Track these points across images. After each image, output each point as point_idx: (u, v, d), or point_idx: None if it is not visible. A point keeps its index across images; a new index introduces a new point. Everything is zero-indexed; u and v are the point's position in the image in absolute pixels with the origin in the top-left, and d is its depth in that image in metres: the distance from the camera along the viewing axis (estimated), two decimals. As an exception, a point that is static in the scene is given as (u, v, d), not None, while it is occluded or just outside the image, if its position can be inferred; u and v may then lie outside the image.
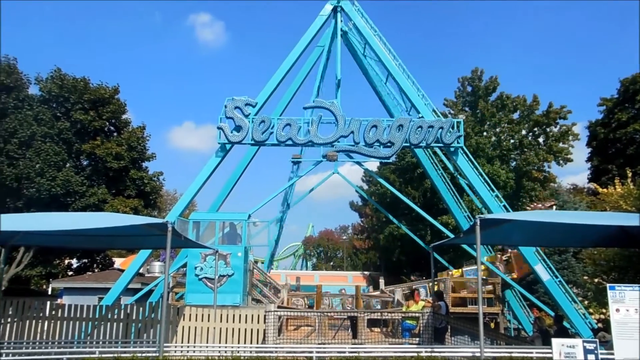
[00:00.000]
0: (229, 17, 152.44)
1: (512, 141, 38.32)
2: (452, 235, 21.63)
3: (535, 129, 38.46)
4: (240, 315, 11.75)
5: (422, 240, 29.47)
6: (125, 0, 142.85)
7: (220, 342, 11.34)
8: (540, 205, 24.29)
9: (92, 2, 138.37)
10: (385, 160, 23.36)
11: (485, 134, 38.44)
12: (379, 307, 19.99)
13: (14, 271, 28.54)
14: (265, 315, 11.39)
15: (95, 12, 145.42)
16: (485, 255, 23.58)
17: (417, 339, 11.88)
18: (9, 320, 11.44)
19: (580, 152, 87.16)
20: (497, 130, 38.82)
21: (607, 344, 9.89)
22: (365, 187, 46.57)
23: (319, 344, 11.13)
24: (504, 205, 22.34)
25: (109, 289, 21.74)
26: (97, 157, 31.48)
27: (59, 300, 27.53)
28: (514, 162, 38.52)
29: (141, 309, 11.91)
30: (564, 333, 11.39)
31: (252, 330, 11.54)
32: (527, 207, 25.06)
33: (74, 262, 36.62)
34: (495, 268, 22.39)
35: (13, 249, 23.96)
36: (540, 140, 38.69)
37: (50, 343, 11.31)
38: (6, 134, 28.68)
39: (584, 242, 13.48)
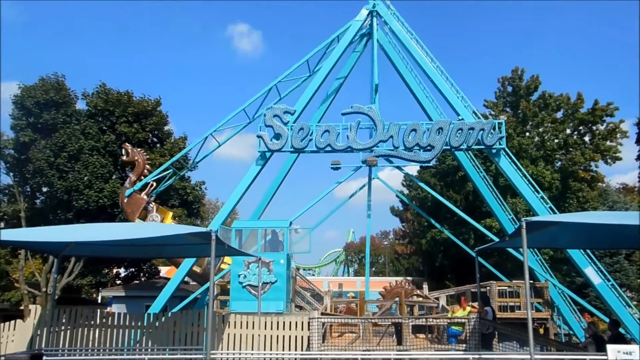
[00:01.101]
0: (266, 27, 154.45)
1: (556, 141, 37.30)
2: (496, 239, 21.19)
3: (581, 127, 37.32)
4: (284, 322, 11.81)
5: (466, 244, 28.95)
6: (164, 9, 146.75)
7: (265, 349, 11.42)
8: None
9: (132, 16, 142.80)
10: (426, 164, 23.09)
11: (527, 134, 37.56)
12: None
13: (66, 280, 29.53)
14: (309, 322, 11.40)
15: (137, 25, 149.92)
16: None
17: (464, 345, 11.67)
18: (63, 327, 11.83)
19: (629, 150, 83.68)
20: (540, 130, 37.86)
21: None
22: (406, 191, 46.16)
23: (363, 350, 11.07)
24: (550, 207, 21.77)
25: (155, 297, 22.21)
26: (142, 168, 32.31)
27: (108, 309, 28.33)
28: (559, 163, 37.46)
29: (187, 316, 12.13)
30: (620, 339, 10.90)
31: (296, 337, 11.58)
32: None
33: (122, 271, 37.61)
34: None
35: (65, 259, 24.84)
36: (586, 139, 37.50)
37: (101, 350, 11.64)
38: (56, 148, 29.79)
39: (637, 244, 12.97)
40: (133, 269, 37.04)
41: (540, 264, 24.01)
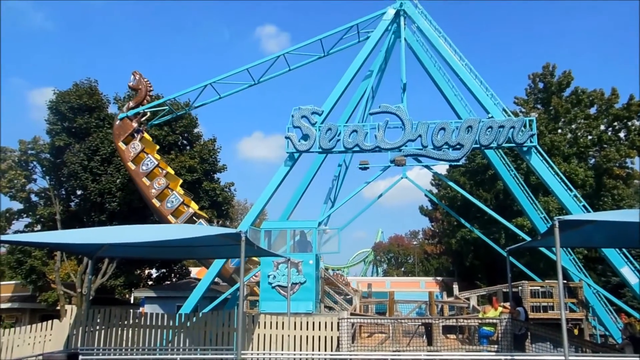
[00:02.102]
0: (294, 28, 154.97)
1: (589, 137, 36.41)
2: (528, 238, 20.83)
3: (615, 123, 36.34)
4: (313, 322, 11.83)
5: (496, 243, 28.53)
6: (193, 15, 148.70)
7: (295, 350, 11.47)
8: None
9: (160, 20, 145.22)
10: (455, 163, 22.82)
11: (560, 131, 36.78)
12: None
13: (100, 281, 30.20)
14: (338, 323, 11.40)
15: (165, 29, 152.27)
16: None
17: (496, 346, 11.50)
18: (97, 327, 12.10)
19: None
20: (573, 126, 37.03)
21: None
22: (435, 190, 45.75)
23: (393, 350, 11.02)
24: (584, 205, 21.31)
25: (186, 297, 22.53)
26: (172, 170, 32.85)
27: (140, 309, 28.86)
28: (593, 160, 36.57)
29: (218, 317, 12.26)
30: (657, 340, 10.66)
31: (325, 337, 11.59)
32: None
33: (154, 272, 38.24)
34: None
35: (98, 260, 25.41)
36: (622, 135, 36.51)
37: (134, 349, 11.86)
38: (89, 152, 30.49)
39: (676, 243, 12.57)
40: (164, 270, 37.65)
41: (574, 264, 23.52)
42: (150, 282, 37.38)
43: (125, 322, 12.29)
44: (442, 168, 39.26)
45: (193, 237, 10.09)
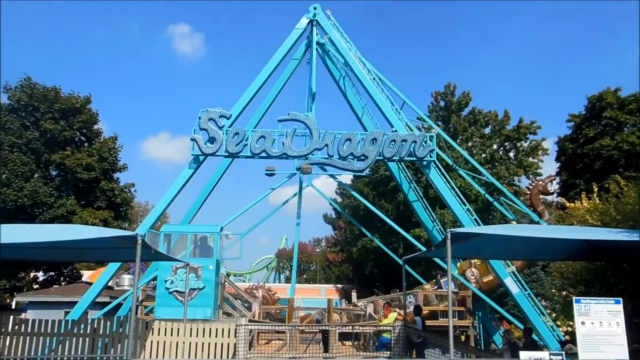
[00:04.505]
0: (209, 29, 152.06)
1: (483, 155, 38.98)
2: (424, 249, 21.80)
3: (506, 143, 39.26)
4: (210, 329, 11.60)
5: (395, 253, 29.61)
6: (102, 9, 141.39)
7: (190, 357, 11.17)
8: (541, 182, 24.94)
9: (67, 12, 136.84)
10: (359, 174, 23.45)
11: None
12: None
13: (-23, 284, 27.70)
14: (236, 329, 11.27)
15: (71, 22, 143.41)
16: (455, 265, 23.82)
17: (388, 352, 11.90)
18: (-30, 335, 11.08)
19: (549, 166, 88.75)
20: (469, 144, 39.46)
21: (574, 356, 10.04)
22: (339, 199, 46.70)
23: (290, 357, 11.07)
24: (475, 219, 22.64)
25: (76, 302, 21.26)
26: (66, 167, 30.92)
27: (22, 315, 26.75)
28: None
29: (109, 323, 11.66)
30: (533, 345, 11.55)
31: (222, 344, 11.40)
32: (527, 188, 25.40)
33: (40, 275, 35.69)
34: (466, 281, 22.60)
35: (-24, 261, 23.29)
36: (511, 154, 39.50)
37: (12, 359, 10.99)
38: (-28, 143, 28.02)
39: (553, 256, 13.72)
40: (52, 273, 35.26)
41: (464, 274, 24.86)
42: (35, 286, 34.78)
43: (3, 330, 11.35)
44: (346, 178, 40.24)
45: (84, 239, 9.54)
